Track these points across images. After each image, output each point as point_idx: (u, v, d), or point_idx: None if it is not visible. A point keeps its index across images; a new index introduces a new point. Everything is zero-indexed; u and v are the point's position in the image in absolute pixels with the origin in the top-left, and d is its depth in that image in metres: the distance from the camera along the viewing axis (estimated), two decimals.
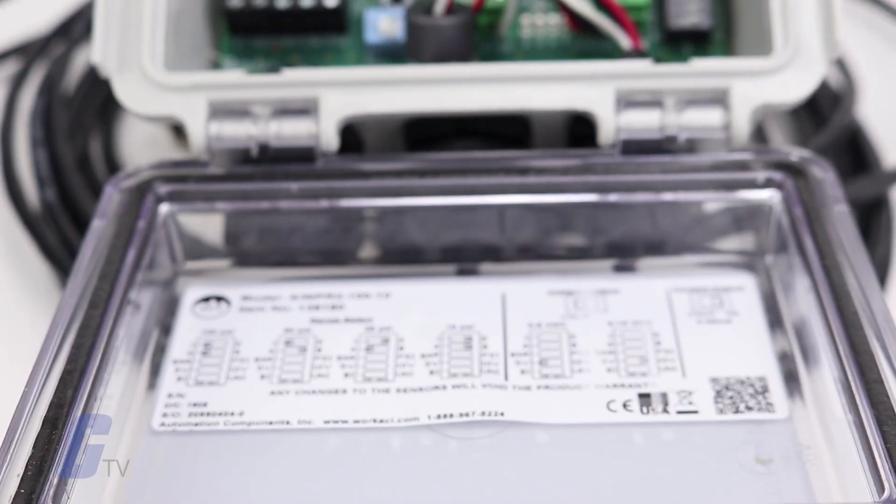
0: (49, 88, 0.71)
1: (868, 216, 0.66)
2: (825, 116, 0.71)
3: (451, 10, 0.57)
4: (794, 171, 0.52)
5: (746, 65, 0.52)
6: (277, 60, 0.60)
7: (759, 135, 0.71)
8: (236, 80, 0.53)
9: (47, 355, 0.46)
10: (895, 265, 0.65)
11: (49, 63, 0.74)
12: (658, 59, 0.54)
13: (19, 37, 0.77)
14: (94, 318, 0.47)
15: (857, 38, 0.78)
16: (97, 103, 0.71)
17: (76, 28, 0.75)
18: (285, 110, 0.53)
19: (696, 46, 0.60)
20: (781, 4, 0.52)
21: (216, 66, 0.61)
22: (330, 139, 0.52)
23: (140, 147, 0.70)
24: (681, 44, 0.60)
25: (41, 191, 0.65)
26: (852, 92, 0.70)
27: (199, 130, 0.52)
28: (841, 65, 0.73)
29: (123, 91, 0.53)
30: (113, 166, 0.69)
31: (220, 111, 0.53)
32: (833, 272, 0.48)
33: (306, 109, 0.52)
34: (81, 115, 0.71)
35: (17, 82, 0.72)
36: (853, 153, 0.70)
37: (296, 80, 0.52)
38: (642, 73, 0.52)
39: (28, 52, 0.75)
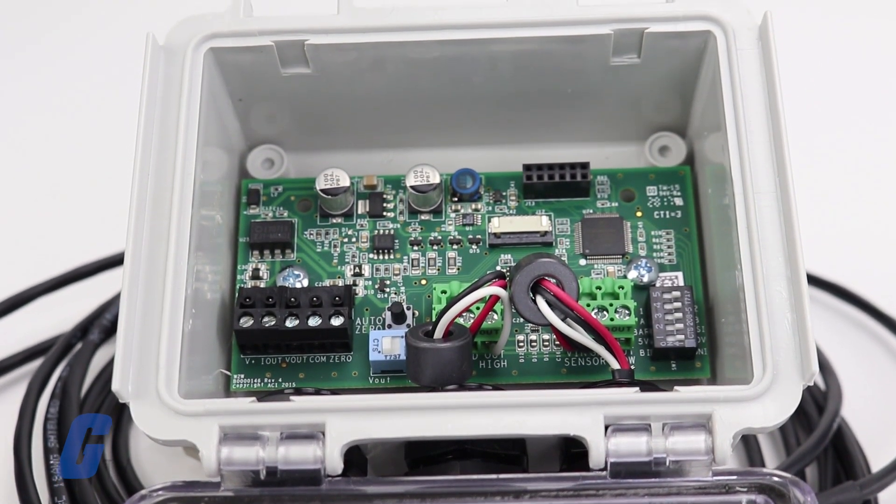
0: (63, 393, 0.73)
1: None
2: (810, 416, 0.73)
3: (449, 331, 0.60)
4: (776, 492, 0.55)
5: (727, 392, 0.55)
6: (285, 377, 0.63)
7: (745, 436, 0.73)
8: (246, 408, 0.55)
9: None
10: None
11: (63, 366, 0.75)
12: (644, 382, 0.57)
13: (37, 337, 0.79)
14: None
15: (841, 336, 0.80)
16: (110, 403, 0.74)
17: (92, 332, 0.76)
18: (293, 435, 0.55)
19: (682, 362, 0.63)
20: (759, 336, 0.55)
21: (227, 379, 0.64)
22: (335, 463, 0.54)
23: (151, 450, 0.73)
24: (668, 360, 0.63)
25: (53, 501, 0.67)
26: (838, 397, 0.72)
27: (211, 454, 0.55)
28: (825, 367, 0.75)
29: (140, 417, 0.55)
30: (123, 472, 0.71)
31: (231, 436, 0.55)
32: None
33: (313, 435, 0.55)
34: None
35: (38, 388, 0.74)
36: (839, 453, 0.72)
37: (303, 407, 0.55)
38: (630, 400, 0.55)
39: (47, 354, 0.76)
